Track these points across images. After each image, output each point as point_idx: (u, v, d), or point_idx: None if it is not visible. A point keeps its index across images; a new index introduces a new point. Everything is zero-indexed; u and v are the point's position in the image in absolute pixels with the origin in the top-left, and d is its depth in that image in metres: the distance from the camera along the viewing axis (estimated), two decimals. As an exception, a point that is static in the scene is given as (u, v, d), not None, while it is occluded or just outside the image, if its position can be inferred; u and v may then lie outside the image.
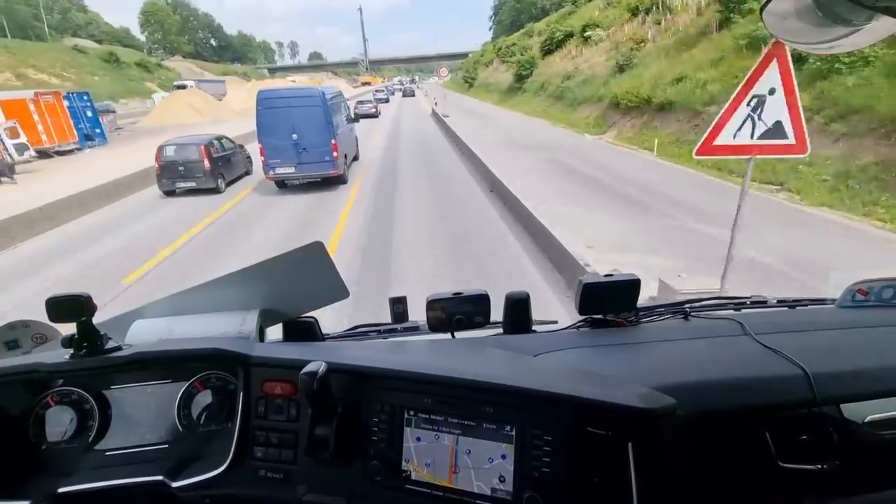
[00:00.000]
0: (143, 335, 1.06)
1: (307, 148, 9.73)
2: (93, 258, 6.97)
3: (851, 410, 0.87)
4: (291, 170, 9.97)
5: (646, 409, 0.74)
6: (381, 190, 10.25)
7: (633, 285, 1.10)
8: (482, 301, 1.14)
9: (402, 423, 0.85)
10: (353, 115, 13.71)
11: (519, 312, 1.21)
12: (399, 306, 1.34)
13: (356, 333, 1.34)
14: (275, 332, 1.21)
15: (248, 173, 12.52)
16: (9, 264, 6.96)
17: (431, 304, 1.14)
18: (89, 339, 0.89)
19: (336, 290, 1.17)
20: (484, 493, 0.79)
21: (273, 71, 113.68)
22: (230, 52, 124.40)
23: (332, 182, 10.52)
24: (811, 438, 0.84)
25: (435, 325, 1.15)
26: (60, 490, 0.84)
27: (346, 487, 0.85)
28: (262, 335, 1.12)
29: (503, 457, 0.79)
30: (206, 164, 10.42)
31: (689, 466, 0.78)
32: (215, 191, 10.63)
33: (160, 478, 0.86)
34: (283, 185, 10.53)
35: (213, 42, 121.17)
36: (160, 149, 10.54)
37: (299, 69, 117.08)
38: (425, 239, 6.97)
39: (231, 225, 8.39)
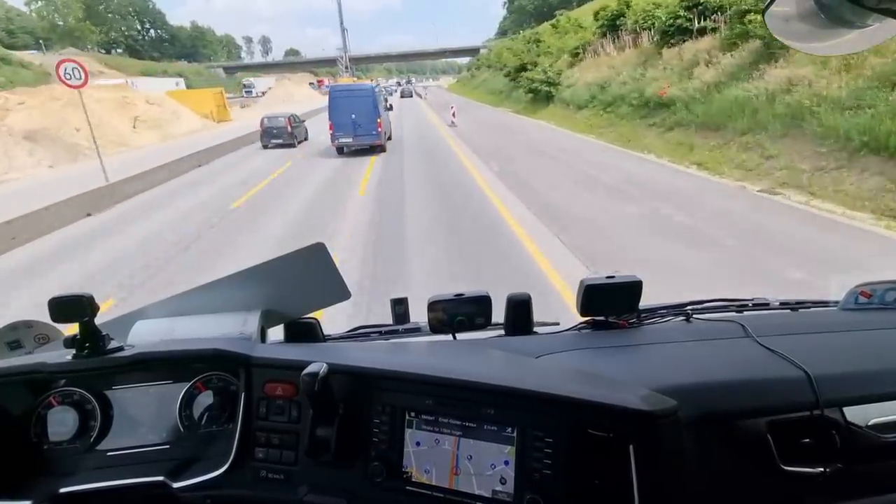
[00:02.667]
0: (145, 336, 1.06)
1: (361, 124, 14.29)
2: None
3: (854, 413, 0.86)
4: (350, 139, 14.59)
5: (647, 410, 0.74)
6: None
7: (634, 287, 1.10)
8: (483, 302, 1.14)
9: (404, 425, 0.85)
10: (389, 105, 19.70)
11: (520, 314, 1.21)
12: (400, 307, 1.34)
13: (357, 334, 1.34)
14: (276, 332, 1.21)
15: (306, 139, 19.06)
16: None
17: (433, 306, 1.14)
18: (91, 340, 0.89)
19: (338, 291, 1.17)
20: (485, 496, 0.79)
21: (231, 70, 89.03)
22: (177, 46, 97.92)
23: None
24: (814, 441, 0.84)
25: (436, 327, 1.15)
26: (62, 490, 0.84)
27: (346, 488, 0.85)
28: (263, 336, 1.12)
29: (504, 459, 0.79)
30: (289, 128, 17.65)
31: (691, 469, 0.77)
32: (292, 145, 17.67)
33: (161, 478, 0.86)
34: (341, 150, 14.95)
35: (151, 34, 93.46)
36: (262, 120, 18.02)
37: (267, 67, 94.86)
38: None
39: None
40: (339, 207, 8.79)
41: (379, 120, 14.43)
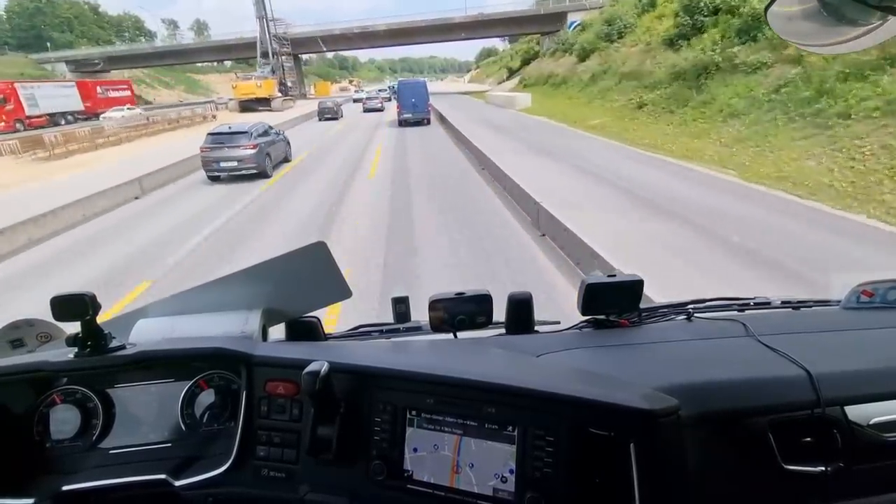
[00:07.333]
0: (147, 334, 1.06)
1: (418, 105, 21.99)
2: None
3: (856, 412, 0.86)
4: (410, 115, 22.10)
5: (648, 409, 0.74)
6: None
7: (636, 286, 1.10)
8: (484, 301, 1.14)
9: (405, 423, 0.85)
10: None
11: (521, 312, 1.21)
12: (401, 306, 1.34)
13: (358, 333, 1.34)
14: (277, 331, 1.21)
15: (341, 116, 29.67)
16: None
17: (434, 305, 1.14)
18: (94, 338, 0.90)
19: (339, 290, 1.17)
20: (486, 494, 0.79)
21: (86, 66, 52.28)
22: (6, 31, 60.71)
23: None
24: (815, 440, 0.84)
25: (437, 325, 1.15)
26: (64, 488, 0.84)
27: (348, 487, 0.85)
28: (265, 335, 1.12)
29: (505, 457, 0.79)
30: (336, 108, 29.37)
31: (692, 468, 0.77)
32: (336, 119, 28.55)
33: (163, 476, 0.86)
34: (401, 123, 22.03)
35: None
36: (319, 103, 30.34)
37: (155, 58, 55.17)
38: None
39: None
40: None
41: (430, 101, 22.81)
